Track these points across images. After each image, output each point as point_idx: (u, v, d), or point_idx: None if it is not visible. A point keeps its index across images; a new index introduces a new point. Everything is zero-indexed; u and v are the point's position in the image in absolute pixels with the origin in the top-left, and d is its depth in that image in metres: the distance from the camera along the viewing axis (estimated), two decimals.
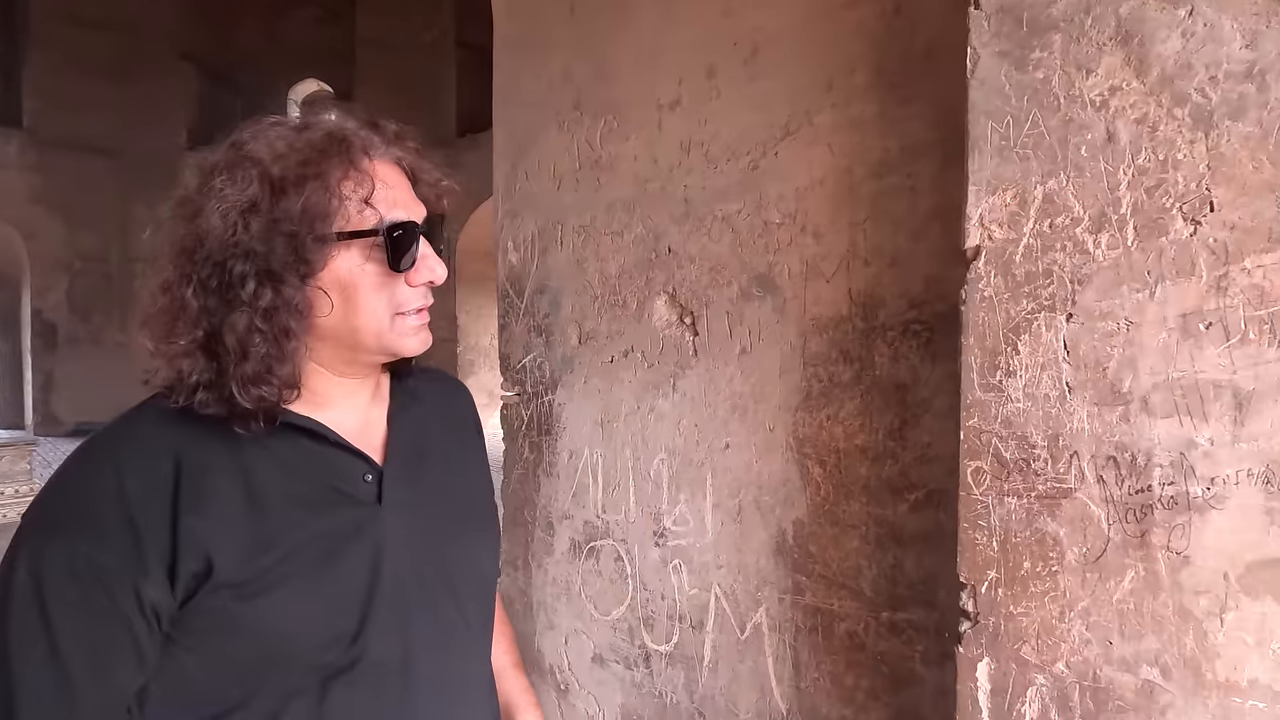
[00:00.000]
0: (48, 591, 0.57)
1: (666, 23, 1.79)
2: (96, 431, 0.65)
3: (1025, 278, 1.02)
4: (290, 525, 0.62)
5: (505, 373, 2.39)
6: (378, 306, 0.63)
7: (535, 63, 2.22)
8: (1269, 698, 0.86)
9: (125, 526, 0.58)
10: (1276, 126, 0.84)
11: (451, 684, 0.70)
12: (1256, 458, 0.86)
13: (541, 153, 2.21)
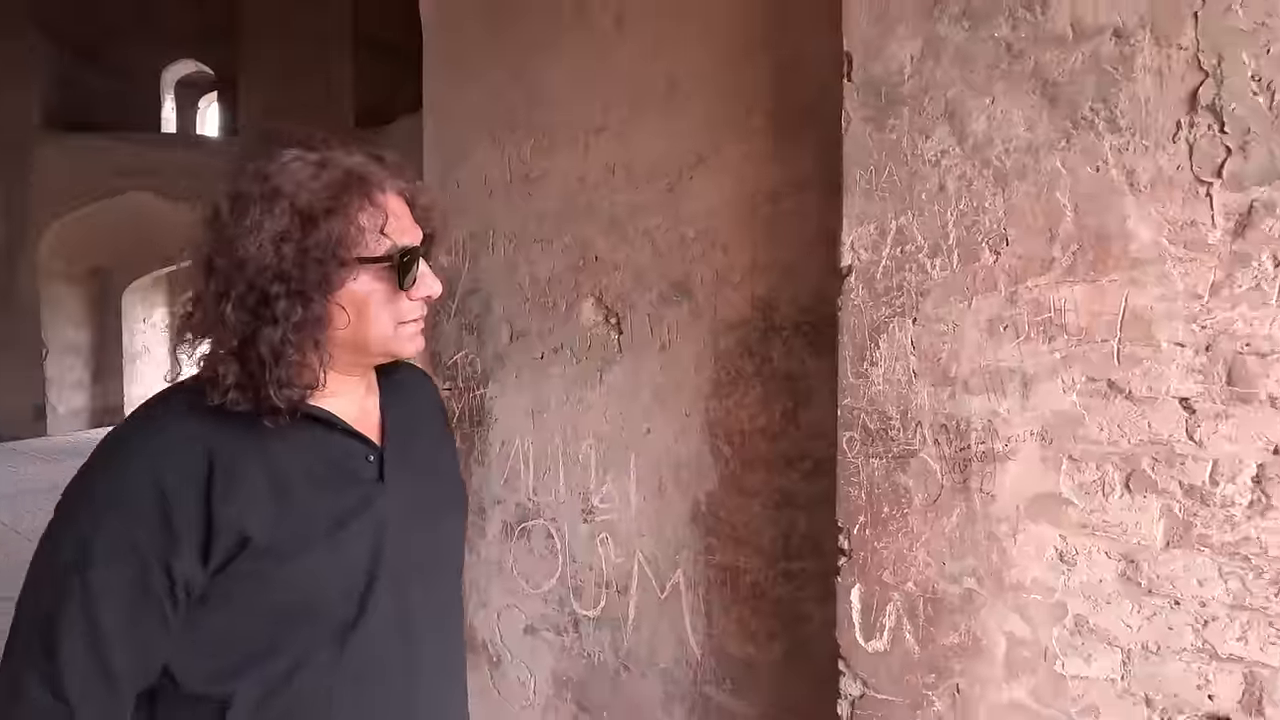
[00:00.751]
0: (90, 566, 0.66)
1: (597, 59, 2.03)
2: (128, 422, 0.73)
3: (884, 290, 1.34)
4: (309, 500, 0.72)
5: (437, 369, 2.54)
6: (385, 318, 0.74)
7: (468, 80, 2.39)
8: (1044, 591, 1.21)
9: (159, 512, 0.67)
10: (1046, 186, 1.19)
11: (441, 636, 0.82)
12: (1036, 422, 1.21)
13: (474, 164, 2.38)
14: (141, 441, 0.71)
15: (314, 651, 0.72)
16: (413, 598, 0.78)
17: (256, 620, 0.71)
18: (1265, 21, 1.03)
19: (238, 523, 0.69)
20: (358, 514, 0.75)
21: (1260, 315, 1.05)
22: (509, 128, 2.29)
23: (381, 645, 0.75)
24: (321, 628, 0.72)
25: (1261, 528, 1.06)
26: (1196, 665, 1.10)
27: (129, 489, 0.68)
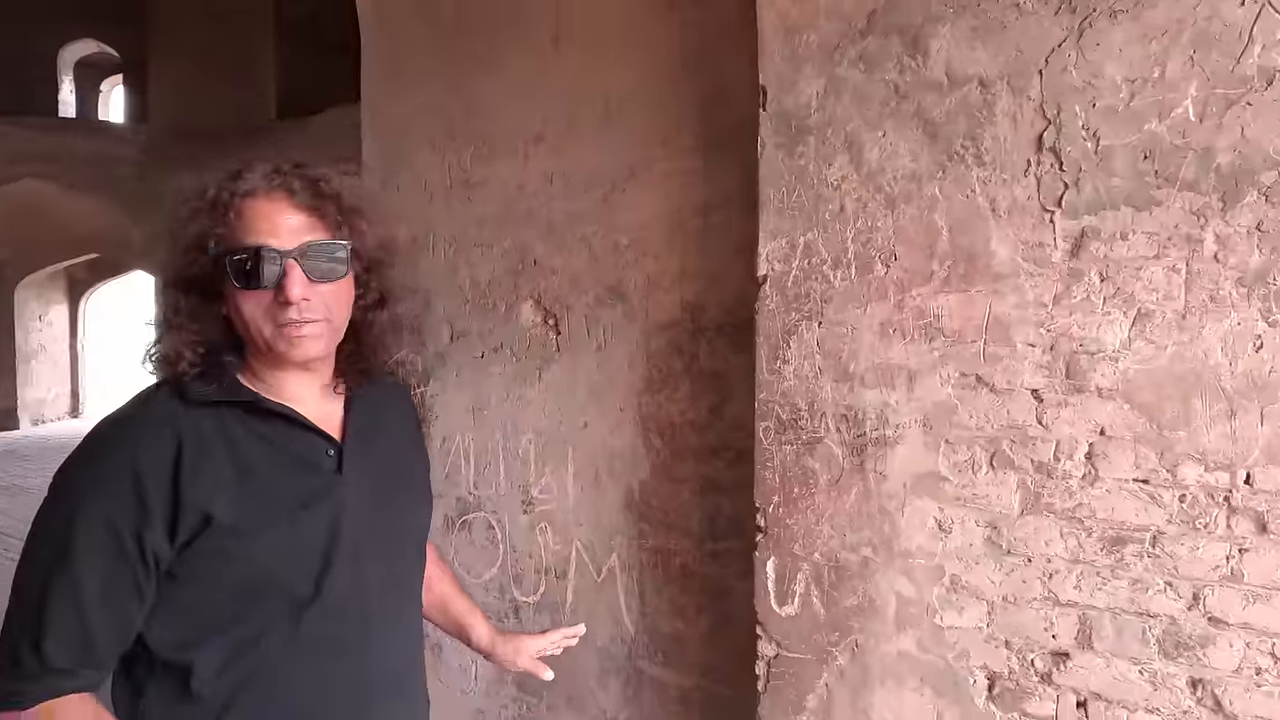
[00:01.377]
0: (75, 531, 0.73)
1: (536, 73, 2.14)
2: (112, 415, 0.80)
3: (794, 297, 1.53)
4: (271, 483, 0.78)
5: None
6: (259, 317, 0.77)
7: (408, 86, 2.46)
8: (926, 556, 1.42)
9: (134, 491, 0.74)
10: (926, 210, 1.40)
11: (395, 615, 0.88)
12: (919, 411, 1.42)
13: (414, 169, 2.46)
14: (120, 430, 0.78)
15: (271, 625, 0.78)
16: (369, 582, 0.83)
17: (219, 594, 0.77)
18: (1092, 81, 1.26)
19: (203, 503, 0.75)
20: (317, 498, 0.81)
21: (1090, 321, 1.28)
22: (449, 135, 2.37)
23: (336, 624, 0.81)
24: (279, 603, 0.78)
25: (1091, 495, 1.29)
26: (1044, 611, 1.33)
27: (108, 471, 0.75)
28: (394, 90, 2.51)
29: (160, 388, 0.81)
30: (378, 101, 2.55)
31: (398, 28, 2.51)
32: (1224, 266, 1.19)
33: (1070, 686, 1.31)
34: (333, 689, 0.82)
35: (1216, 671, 1.21)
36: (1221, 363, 1.19)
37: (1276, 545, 1.17)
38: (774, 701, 1.57)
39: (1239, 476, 1.19)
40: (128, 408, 0.81)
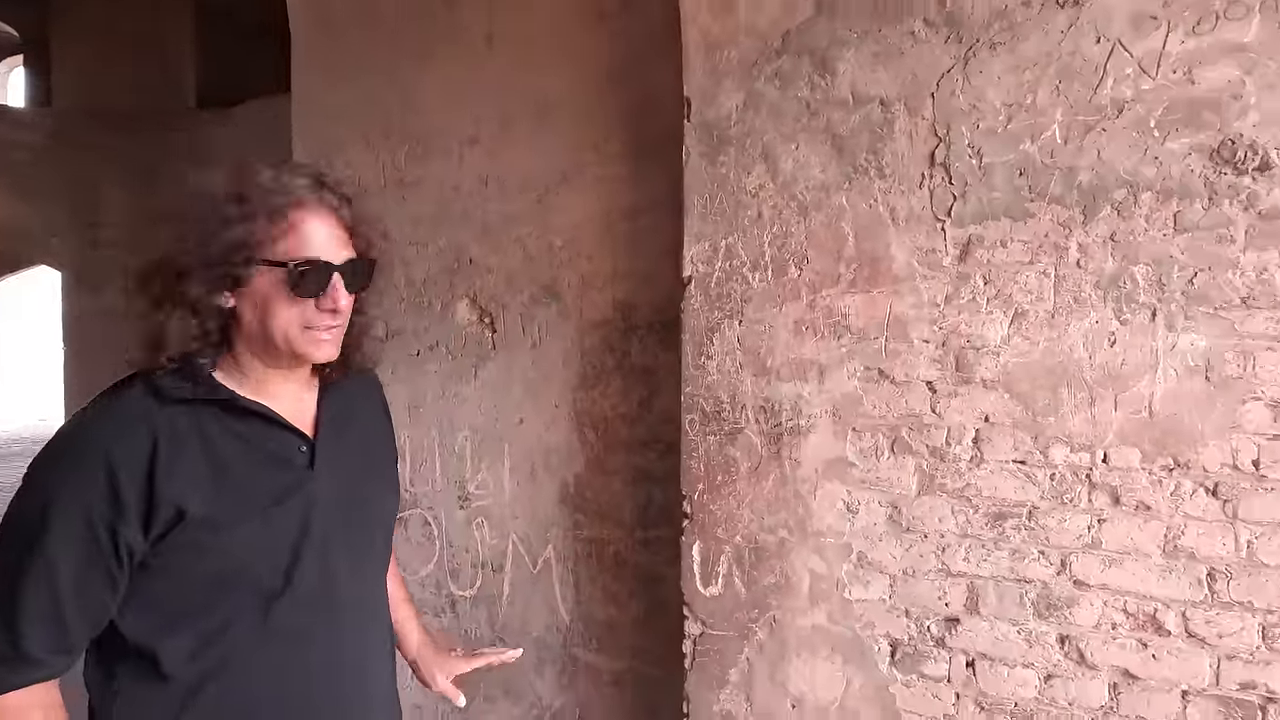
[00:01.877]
0: (50, 522, 0.75)
1: (469, 74, 2.18)
2: (86, 409, 0.81)
3: (716, 297, 1.64)
4: (245, 479, 0.81)
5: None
6: (288, 319, 0.81)
7: (340, 81, 2.45)
8: (836, 535, 1.55)
9: (109, 483, 0.75)
10: (835, 217, 1.53)
11: (363, 603, 0.91)
12: (829, 402, 1.55)
13: (347, 165, 2.45)
14: (96, 424, 0.79)
15: (240, 616, 0.80)
16: (338, 575, 0.86)
17: (190, 585, 0.79)
18: (976, 105, 1.41)
19: (177, 498, 0.77)
20: (289, 493, 0.83)
21: (975, 319, 1.44)
22: (383, 132, 2.38)
23: (305, 616, 0.83)
24: (248, 594, 0.81)
25: (977, 475, 1.44)
26: (937, 582, 1.48)
27: (83, 464, 0.77)
28: (326, 85, 2.49)
29: (133, 384, 0.82)
30: (309, 95, 2.53)
31: (329, 21, 2.50)
32: (1085, 271, 1.36)
33: (960, 648, 1.46)
34: (301, 677, 0.85)
35: (1080, 628, 1.38)
36: (1083, 356, 1.36)
37: (1127, 515, 1.34)
38: (699, 677, 1.68)
39: (1098, 456, 1.36)
40: (101, 403, 0.82)
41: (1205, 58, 1.26)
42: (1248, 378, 1.26)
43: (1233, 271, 1.26)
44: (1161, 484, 1.32)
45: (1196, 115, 1.27)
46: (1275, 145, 1.23)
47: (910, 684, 1.50)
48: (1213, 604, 1.29)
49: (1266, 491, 1.26)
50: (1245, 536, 1.27)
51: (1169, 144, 1.29)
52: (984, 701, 1.44)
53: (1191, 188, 1.28)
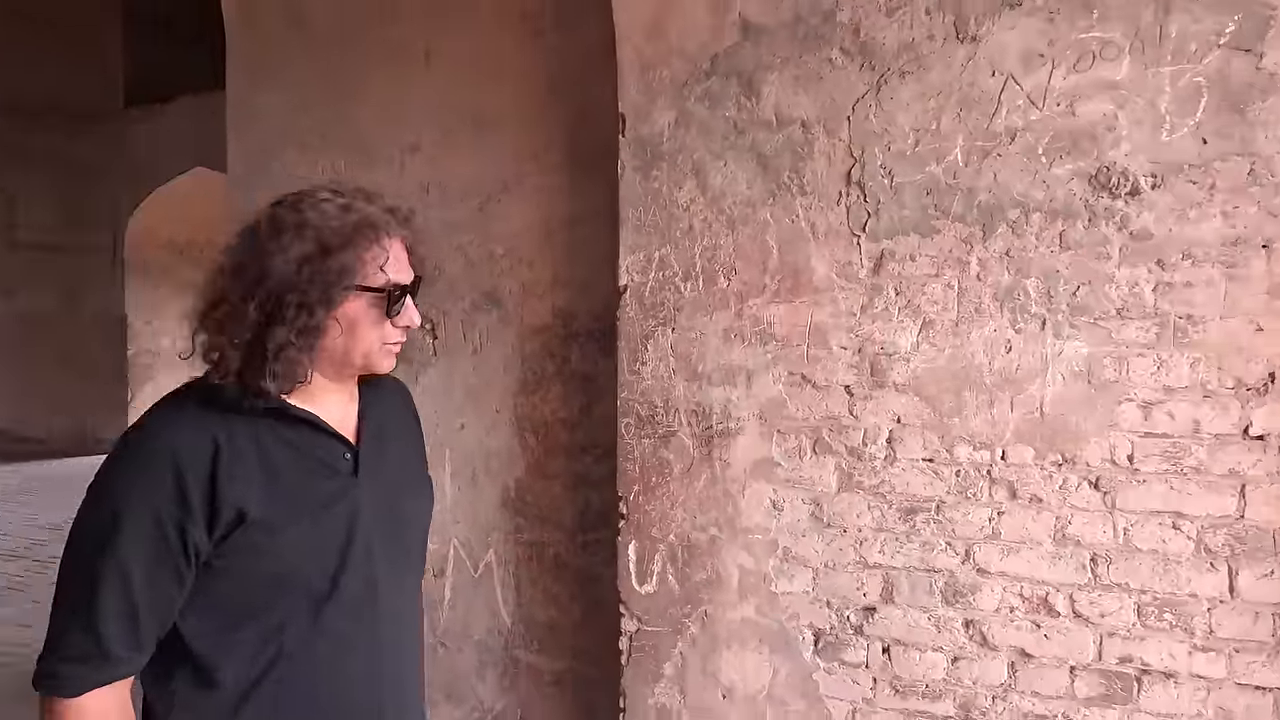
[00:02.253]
0: (122, 523, 0.78)
1: (409, 85, 2.21)
2: (149, 416, 0.84)
3: (650, 306, 1.71)
4: (296, 485, 0.84)
5: None
6: (372, 338, 0.86)
7: (276, 87, 2.44)
8: (763, 532, 1.64)
9: (177, 486, 0.79)
10: (760, 231, 1.62)
11: (400, 615, 0.93)
12: (756, 405, 1.64)
13: (284, 170, 2.44)
14: (161, 429, 0.83)
15: (292, 619, 0.83)
16: (378, 585, 0.88)
17: (249, 587, 0.82)
18: (887, 128, 1.53)
19: (238, 500, 0.80)
20: (336, 500, 0.86)
21: (888, 328, 1.55)
22: (321, 139, 2.38)
23: (350, 621, 0.86)
24: (300, 597, 0.84)
25: (891, 473, 1.55)
26: (856, 574, 1.58)
27: (151, 466, 0.80)
28: (262, 89, 2.48)
29: (189, 393, 0.85)
30: (244, 99, 2.51)
31: (264, 25, 2.48)
32: (984, 284, 1.48)
33: (877, 636, 1.57)
34: (345, 683, 0.87)
35: (982, 612, 1.49)
36: (983, 362, 1.48)
37: (1022, 507, 1.47)
38: (635, 673, 1.74)
39: (997, 453, 1.48)
40: (162, 411, 0.85)
41: (1084, 93, 1.40)
42: (1122, 381, 1.40)
43: (1109, 285, 1.40)
44: (1051, 478, 1.45)
45: (1077, 144, 1.41)
46: (1143, 173, 1.38)
47: (832, 670, 1.59)
48: (1095, 586, 1.42)
49: (1140, 484, 1.40)
50: (1122, 524, 1.41)
51: (1055, 169, 1.43)
52: (898, 684, 1.55)
53: (1074, 209, 1.42)
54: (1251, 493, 1.34)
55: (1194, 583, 1.37)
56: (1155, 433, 1.39)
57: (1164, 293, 1.37)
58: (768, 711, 1.63)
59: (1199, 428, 1.36)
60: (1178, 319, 1.37)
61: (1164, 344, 1.38)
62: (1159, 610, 1.39)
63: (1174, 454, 1.38)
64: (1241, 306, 1.34)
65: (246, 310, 0.81)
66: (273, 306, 0.81)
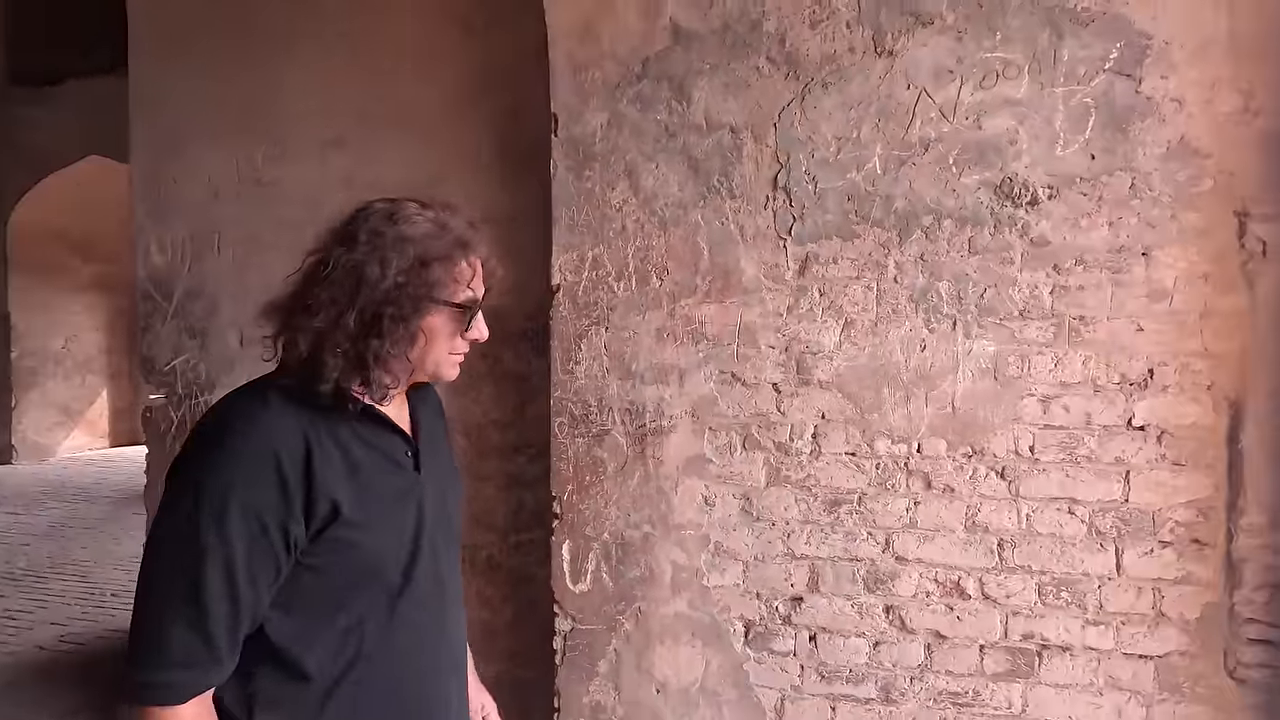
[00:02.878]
0: (228, 526, 0.77)
1: (330, 77, 2.15)
2: (232, 410, 0.83)
3: (584, 305, 1.72)
4: (374, 481, 0.86)
5: (149, 376, 2.40)
6: (445, 349, 0.90)
7: (186, 74, 2.32)
8: (695, 527, 1.68)
9: (279, 482, 0.79)
10: (692, 233, 1.66)
11: (456, 600, 0.97)
12: (688, 403, 1.68)
13: (194, 161, 2.32)
14: (252, 423, 0.82)
15: (371, 613, 0.85)
16: (441, 574, 0.93)
17: (336, 583, 0.84)
18: (811, 136, 1.60)
19: (331, 494, 0.81)
20: (406, 495, 0.89)
21: (813, 327, 1.61)
22: (236, 129, 2.28)
23: (419, 610, 0.89)
24: (379, 592, 0.86)
25: (816, 467, 1.62)
26: (784, 565, 1.64)
27: (250, 461, 0.79)
28: (168, 73, 2.35)
29: (269, 388, 0.85)
30: (148, 84, 2.37)
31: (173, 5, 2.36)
32: (900, 286, 1.57)
33: (804, 624, 1.63)
34: (416, 668, 0.90)
35: (901, 598, 1.58)
36: (900, 360, 1.57)
37: (937, 497, 1.56)
38: (569, 672, 1.74)
39: (913, 447, 1.57)
40: (251, 410, 0.84)
41: (989, 108, 1.51)
42: (1024, 378, 1.51)
43: (1013, 288, 1.51)
44: (963, 469, 1.55)
45: (984, 156, 1.52)
46: (1041, 184, 1.49)
47: (761, 660, 1.65)
48: (1002, 569, 1.53)
49: (1040, 473, 1.51)
50: (1025, 510, 1.52)
51: (964, 179, 1.53)
52: (824, 670, 1.62)
53: (981, 217, 1.52)
54: (1135, 479, 1.47)
55: (1086, 563, 1.49)
56: (1053, 425, 1.50)
57: (1060, 295, 1.49)
58: (701, 703, 1.67)
59: (1090, 420, 1.49)
60: (1072, 319, 1.49)
61: (1060, 342, 1.50)
62: (1057, 589, 1.51)
63: (1069, 444, 1.50)
64: (1126, 309, 1.47)
65: (346, 320, 0.82)
66: (370, 317, 0.83)
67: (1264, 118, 1.38)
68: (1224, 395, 1.43)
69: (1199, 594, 1.45)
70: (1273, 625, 1.41)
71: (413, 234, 0.86)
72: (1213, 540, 1.44)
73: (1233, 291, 1.42)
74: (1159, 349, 1.45)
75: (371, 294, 0.83)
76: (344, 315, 0.82)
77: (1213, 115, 1.41)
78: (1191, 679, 1.45)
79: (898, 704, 1.58)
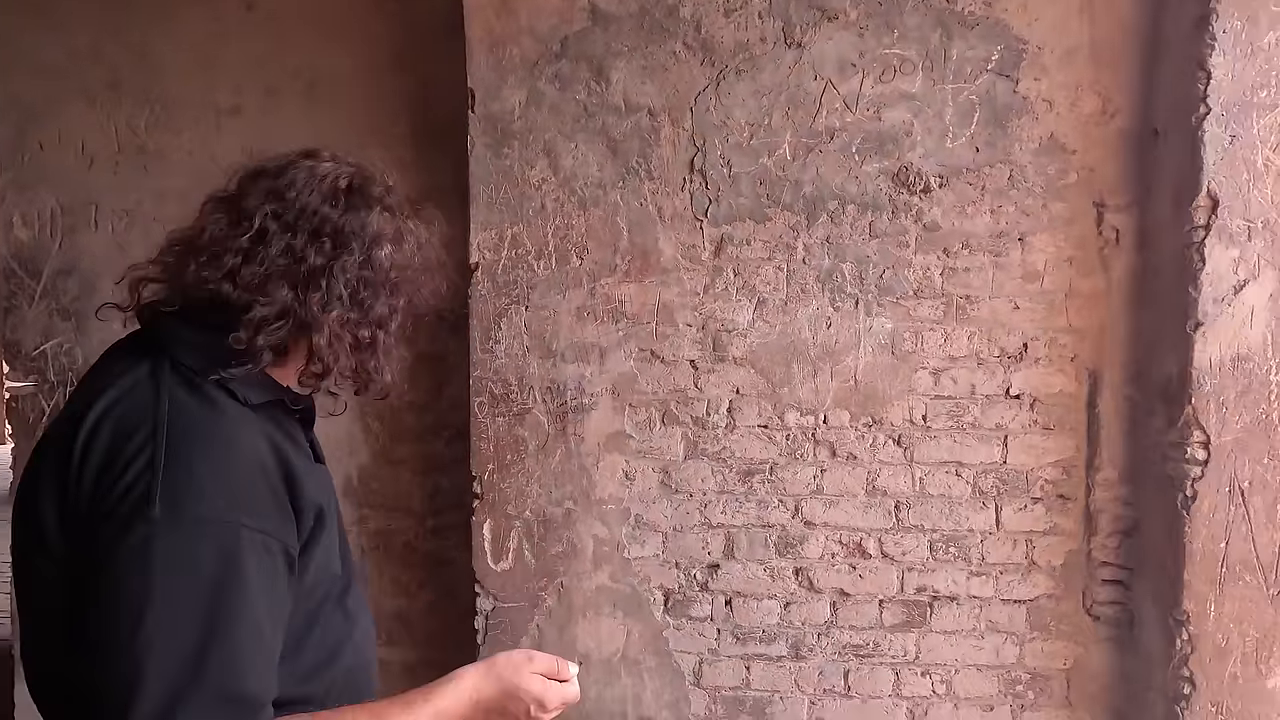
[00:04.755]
0: (242, 557, 0.63)
1: (225, 38, 2.02)
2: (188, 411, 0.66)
3: (504, 284, 1.73)
4: (308, 480, 0.73)
5: (14, 361, 2.19)
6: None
7: (52, 27, 2.12)
8: (616, 501, 1.73)
9: (273, 499, 0.66)
10: (611, 213, 1.70)
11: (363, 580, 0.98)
12: (609, 381, 1.72)
13: (64, 126, 2.13)
14: (226, 434, 0.67)
15: (332, 618, 0.75)
16: (351, 561, 0.85)
17: (307, 598, 0.72)
18: (726, 121, 1.67)
19: (315, 501, 0.71)
20: (325, 490, 0.79)
21: (728, 306, 1.69)
22: (113, 91, 2.11)
23: (354, 599, 0.81)
24: (333, 593, 0.76)
25: (731, 440, 1.71)
26: (701, 534, 1.72)
27: (241, 483, 0.65)
28: (34, 28, 2.13)
29: (198, 387, 0.69)
30: (10, 39, 2.15)
31: None
32: (808, 267, 1.67)
33: (720, 590, 1.72)
34: (361, 654, 0.81)
35: (809, 560, 1.70)
36: (808, 337, 1.68)
37: (841, 465, 1.68)
38: (491, 650, 1.75)
39: (820, 418, 1.68)
40: (198, 409, 0.68)
41: (888, 101, 1.63)
42: (918, 352, 1.65)
43: (908, 269, 1.65)
44: (864, 438, 1.67)
45: (882, 145, 1.64)
46: (933, 173, 1.63)
47: (680, 626, 1.72)
48: (899, 529, 1.67)
49: (932, 439, 1.66)
50: (919, 474, 1.67)
51: (865, 166, 1.64)
52: (739, 632, 1.72)
53: (881, 202, 1.64)
54: (1012, 442, 1.64)
55: (971, 520, 1.66)
56: (943, 395, 1.65)
57: (949, 276, 1.64)
58: (623, 672, 1.73)
59: (974, 390, 1.65)
60: (959, 299, 1.64)
61: (949, 320, 1.65)
62: (946, 545, 1.66)
63: (956, 413, 1.65)
64: (1005, 289, 1.63)
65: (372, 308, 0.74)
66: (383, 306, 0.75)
67: (1119, 118, 1.57)
68: (1085, 366, 1.62)
69: (1063, 543, 1.64)
70: (1122, 567, 1.62)
71: (403, 207, 0.80)
72: (1074, 495, 1.63)
73: (1093, 274, 1.61)
74: (1032, 325, 1.62)
75: (390, 277, 0.75)
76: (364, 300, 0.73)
77: (1077, 115, 1.58)
78: (1057, 618, 1.65)
79: (806, 659, 1.70)
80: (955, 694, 1.67)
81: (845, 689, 1.69)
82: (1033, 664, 1.65)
